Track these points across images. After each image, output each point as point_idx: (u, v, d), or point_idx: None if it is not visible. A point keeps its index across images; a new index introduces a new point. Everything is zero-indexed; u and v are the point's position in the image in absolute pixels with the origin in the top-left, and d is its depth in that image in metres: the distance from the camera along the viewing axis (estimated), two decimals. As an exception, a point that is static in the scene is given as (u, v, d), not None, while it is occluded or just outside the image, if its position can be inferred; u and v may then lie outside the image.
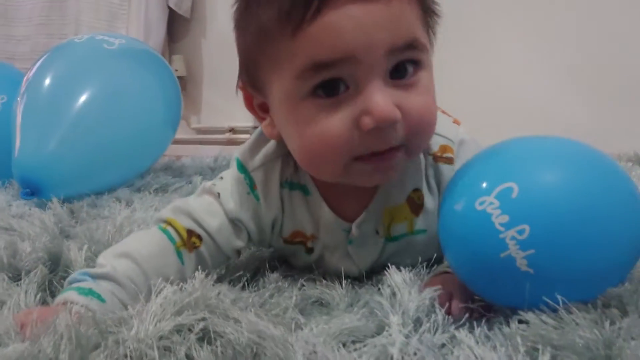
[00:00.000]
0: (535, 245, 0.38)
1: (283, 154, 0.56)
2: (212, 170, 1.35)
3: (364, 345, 0.39)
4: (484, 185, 0.41)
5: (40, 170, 1.01)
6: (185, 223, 0.54)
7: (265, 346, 0.38)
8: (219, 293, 0.45)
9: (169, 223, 0.55)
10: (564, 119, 1.39)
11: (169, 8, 2.09)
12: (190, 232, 0.54)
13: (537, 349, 0.36)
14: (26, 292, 0.51)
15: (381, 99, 0.44)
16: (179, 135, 1.57)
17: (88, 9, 2.15)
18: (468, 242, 0.41)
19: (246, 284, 0.54)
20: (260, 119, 0.54)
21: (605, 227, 0.39)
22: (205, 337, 0.41)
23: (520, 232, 0.38)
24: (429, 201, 0.56)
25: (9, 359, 0.36)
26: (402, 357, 0.37)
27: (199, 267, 0.50)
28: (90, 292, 0.46)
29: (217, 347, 0.39)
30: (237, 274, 0.55)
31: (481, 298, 0.44)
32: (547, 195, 0.39)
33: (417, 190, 0.55)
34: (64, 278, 0.53)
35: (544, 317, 0.39)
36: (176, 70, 2.14)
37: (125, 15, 2.09)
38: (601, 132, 1.14)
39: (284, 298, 0.49)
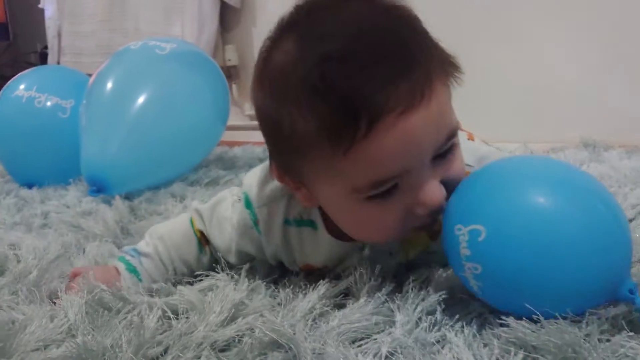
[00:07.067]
0: (484, 281, 0.45)
1: (289, 194, 0.58)
2: (261, 162, 1.43)
3: (366, 343, 0.45)
4: (464, 215, 0.46)
5: (105, 169, 1.12)
6: (199, 226, 0.66)
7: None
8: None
9: (193, 219, 0.66)
10: (606, 102, 1.37)
11: (221, 0, 2.18)
12: (202, 233, 0.66)
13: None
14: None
15: (432, 192, 0.47)
16: (234, 122, 1.66)
17: (146, 4, 2.27)
18: (448, 255, 0.48)
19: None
20: (295, 189, 0.54)
21: (553, 277, 0.42)
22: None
23: (475, 268, 0.45)
24: None
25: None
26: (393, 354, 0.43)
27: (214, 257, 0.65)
28: (134, 271, 0.63)
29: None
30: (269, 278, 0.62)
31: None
32: (506, 245, 0.43)
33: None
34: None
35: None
36: (229, 59, 2.23)
37: (180, 9, 2.20)
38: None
39: (303, 299, 0.54)
